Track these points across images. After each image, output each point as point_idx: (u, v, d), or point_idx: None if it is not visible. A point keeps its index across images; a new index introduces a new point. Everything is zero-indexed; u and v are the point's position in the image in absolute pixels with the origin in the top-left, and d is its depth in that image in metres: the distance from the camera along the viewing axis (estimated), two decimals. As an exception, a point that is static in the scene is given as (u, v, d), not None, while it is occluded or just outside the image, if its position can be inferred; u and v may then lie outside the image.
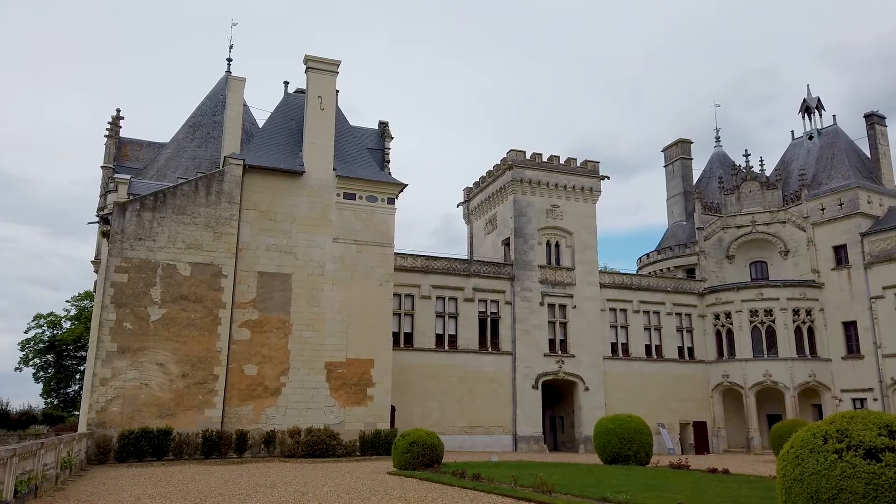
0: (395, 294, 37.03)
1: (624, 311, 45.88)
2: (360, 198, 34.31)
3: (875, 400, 41.09)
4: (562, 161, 45.99)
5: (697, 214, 50.91)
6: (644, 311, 46.29)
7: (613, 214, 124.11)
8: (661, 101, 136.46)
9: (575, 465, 26.57)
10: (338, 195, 33.88)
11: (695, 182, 57.40)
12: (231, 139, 34.14)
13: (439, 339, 40.49)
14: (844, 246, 44.27)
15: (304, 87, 35.58)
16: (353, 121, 39.73)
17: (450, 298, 41.17)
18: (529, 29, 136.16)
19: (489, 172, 48.26)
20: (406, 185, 35.29)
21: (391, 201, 35.03)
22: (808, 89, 53.14)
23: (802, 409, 43.27)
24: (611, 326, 45.30)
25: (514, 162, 44.69)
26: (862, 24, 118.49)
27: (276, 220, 32.50)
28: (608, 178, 46.92)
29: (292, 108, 36.94)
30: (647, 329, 46.28)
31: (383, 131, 39.75)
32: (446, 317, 40.94)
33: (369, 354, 32.78)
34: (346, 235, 33.61)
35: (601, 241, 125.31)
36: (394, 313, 37.03)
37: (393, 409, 34.96)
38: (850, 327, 43.41)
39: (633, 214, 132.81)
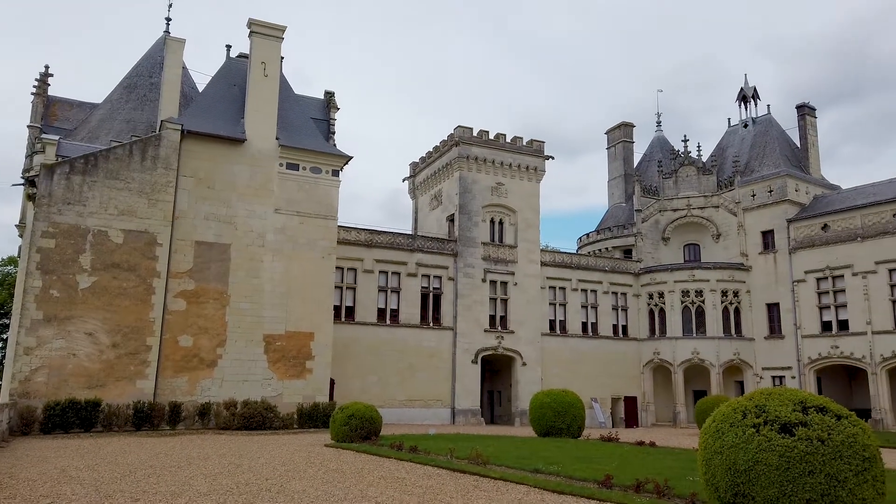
0: (337, 267, 36.74)
1: (563, 289, 46.90)
2: (304, 168, 33.69)
3: (793, 378, 43.53)
4: (508, 140, 46.27)
5: (636, 197, 52.23)
6: (582, 290, 47.45)
7: (559, 194, 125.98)
8: (608, 85, 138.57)
9: (510, 437, 27.22)
10: (280, 165, 33.17)
11: (636, 165, 58.83)
12: (169, 102, 32.88)
13: (381, 313, 40.49)
14: (772, 231, 46.31)
15: (248, 51, 34.48)
16: (300, 90, 38.85)
17: (393, 273, 41.14)
18: (482, 8, 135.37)
19: (436, 148, 48.13)
20: (351, 158, 34.82)
21: (336, 173, 34.54)
22: (746, 79, 54.97)
23: (726, 385, 45.46)
24: (550, 304, 46.26)
25: (461, 138, 44.69)
26: (799, 18, 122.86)
27: (216, 188, 31.59)
28: (552, 158, 47.58)
29: (234, 74, 35.76)
30: (585, 307, 47.49)
31: (329, 101, 38.98)
32: (389, 291, 40.93)
33: (309, 327, 32.50)
34: (289, 206, 33.01)
35: (547, 220, 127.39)
36: (336, 286, 36.75)
37: (332, 382, 34.92)
38: (773, 309, 45.66)
39: (578, 195, 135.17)
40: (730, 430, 10.18)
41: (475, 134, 45.27)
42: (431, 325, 41.82)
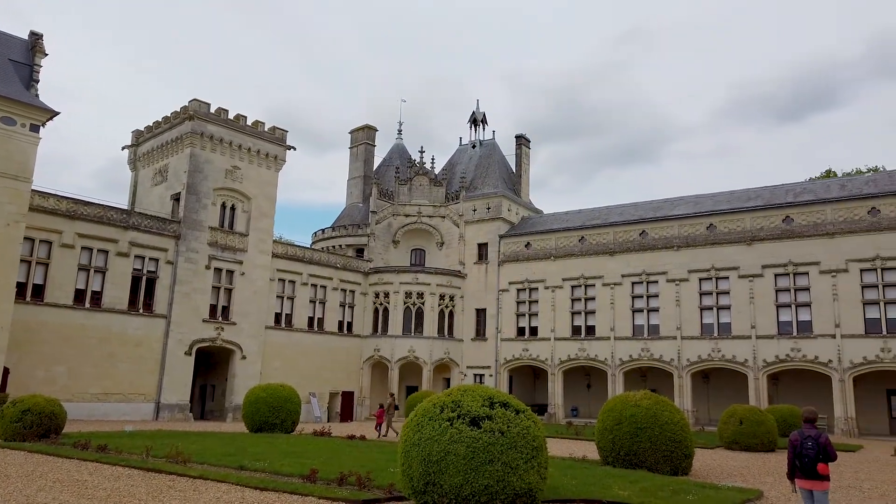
0: (26, 238, 31.48)
1: (293, 282, 46.32)
2: (-8, 117, 28.21)
3: (491, 376, 48.81)
4: (248, 122, 44.31)
5: (373, 199, 54.00)
6: (312, 285, 47.41)
7: (305, 187, 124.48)
8: (367, 87, 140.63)
9: (219, 434, 25.96)
10: (-41, 107, 27.33)
11: (375, 168, 60.81)
12: None
13: (80, 294, 35.58)
14: (486, 244, 51.53)
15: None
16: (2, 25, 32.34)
17: (99, 251, 36.47)
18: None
19: (166, 119, 43.99)
20: (58, 113, 30.09)
21: (35, 129, 29.56)
22: (478, 104, 60.65)
23: (436, 381, 49.22)
24: (278, 297, 45.31)
25: (197, 113, 41.54)
26: (538, 57, 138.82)
27: None
28: (294, 148, 46.80)
29: None
30: (313, 302, 47.50)
31: (35, 44, 33.17)
32: (92, 271, 36.17)
33: (-19, 306, 27.25)
34: (-34, 159, 27.33)
35: (290, 212, 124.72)
36: (23, 260, 31.46)
37: (7, 371, 29.75)
38: (481, 314, 50.73)
39: (323, 190, 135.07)
40: (428, 424, 10.97)
41: (213, 110, 42.43)
42: (142, 311, 38.00)
